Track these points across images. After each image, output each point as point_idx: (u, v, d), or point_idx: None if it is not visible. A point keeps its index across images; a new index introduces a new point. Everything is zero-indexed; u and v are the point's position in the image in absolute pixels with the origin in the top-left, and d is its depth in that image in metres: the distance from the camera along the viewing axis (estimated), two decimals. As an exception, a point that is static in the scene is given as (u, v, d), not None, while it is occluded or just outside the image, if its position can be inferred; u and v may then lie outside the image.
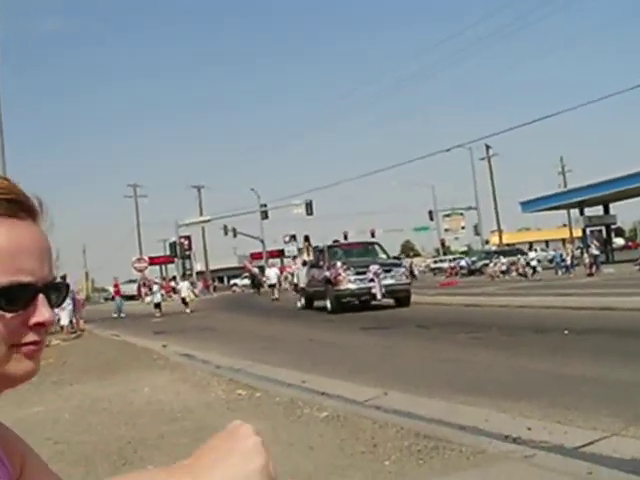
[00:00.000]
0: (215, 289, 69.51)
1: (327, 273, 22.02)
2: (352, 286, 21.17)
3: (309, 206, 56.01)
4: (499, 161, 69.39)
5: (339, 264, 21.50)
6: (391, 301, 21.42)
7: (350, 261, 22.20)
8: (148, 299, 32.65)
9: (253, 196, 66.63)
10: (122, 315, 31.87)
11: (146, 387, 8.89)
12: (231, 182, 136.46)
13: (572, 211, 52.27)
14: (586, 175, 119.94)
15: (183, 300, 31.36)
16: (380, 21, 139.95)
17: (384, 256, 23.64)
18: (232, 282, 72.66)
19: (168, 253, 67.64)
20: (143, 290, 53.37)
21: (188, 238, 66.00)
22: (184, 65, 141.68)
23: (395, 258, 25.84)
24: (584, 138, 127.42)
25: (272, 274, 38.22)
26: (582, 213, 47.72)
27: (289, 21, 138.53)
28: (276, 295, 35.71)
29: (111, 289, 78.16)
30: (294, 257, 29.73)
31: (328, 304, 21.71)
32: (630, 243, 79.32)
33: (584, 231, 47.00)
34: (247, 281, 61.58)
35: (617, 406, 5.78)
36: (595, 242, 36.94)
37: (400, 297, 21.29)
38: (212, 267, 77.69)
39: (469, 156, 57.70)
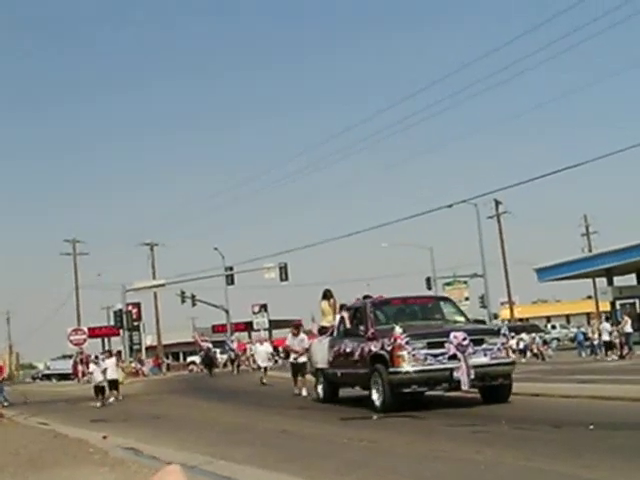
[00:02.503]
0: (169, 368, 68.98)
1: (374, 346, 16.15)
2: (420, 367, 15.26)
3: (283, 270, 56.11)
4: (511, 221, 69.97)
5: (399, 330, 15.44)
6: (474, 392, 16.33)
7: (414, 326, 16.54)
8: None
9: (217, 257, 66.70)
10: (5, 404, 30.71)
11: (78, 489, 8.71)
12: (191, 240, 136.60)
13: (598, 280, 52.76)
14: (615, 238, 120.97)
15: (110, 383, 27.53)
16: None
17: (461, 319, 18.11)
18: (189, 360, 72.09)
19: (112, 323, 67.22)
20: (80, 368, 52.86)
21: (137, 306, 65.76)
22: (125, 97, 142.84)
23: (477, 322, 19.84)
24: (612, 194, 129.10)
25: (262, 353, 35.13)
26: (611, 283, 48.13)
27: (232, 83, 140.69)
28: (265, 379, 31.90)
29: (40, 365, 76.94)
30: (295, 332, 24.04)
31: (375, 396, 15.90)
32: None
33: (613, 304, 47.32)
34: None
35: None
36: (627, 317, 37.07)
37: (497, 386, 15.92)
38: (166, 341, 77.27)
39: (475, 214, 58.04)
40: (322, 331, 20.69)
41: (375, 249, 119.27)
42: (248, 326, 76.66)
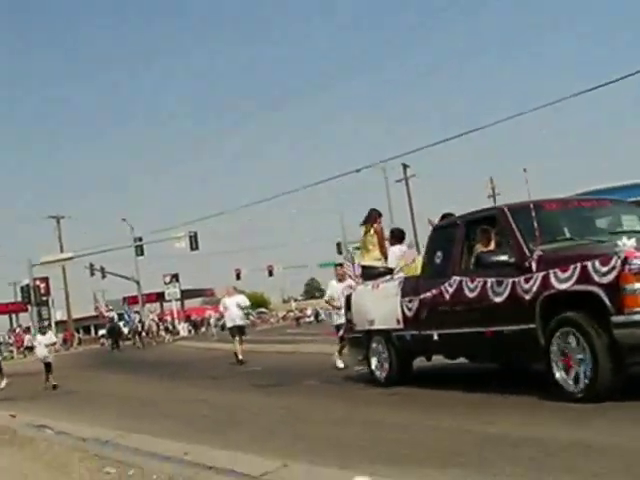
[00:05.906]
0: (80, 342, 67.99)
1: (555, 279, 8.69)
2: None
3: (193, 239, 55.69)
4: (420, 185, 70.72)
5: (631, 243, 8.07)
6: None
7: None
8: None
9: (126, 228, 65.83)
10: None
11: (-16, 471, 8.53)
12: (99, 212, 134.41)
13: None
14: (519, 197, 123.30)
15: None
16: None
17: None
18: (100, 333, 71.19)
19: (20, 299, 65.75)
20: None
21: (45, 280, 64.38)
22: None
23: None
24: (516, 155, 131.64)
25: (233, 308, 22.69)
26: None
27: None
28: (240, 355, 22.04)
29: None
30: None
31: (562, 374, 8.66)
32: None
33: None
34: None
35: (558, 473, 5.85)
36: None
37: None
38: (76, 315, 76.00)
39: (383, 178, 58.37)
40: (367, 273, 14.60)
41: (285, 216, 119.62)
42: (160, 296, 76.10)
